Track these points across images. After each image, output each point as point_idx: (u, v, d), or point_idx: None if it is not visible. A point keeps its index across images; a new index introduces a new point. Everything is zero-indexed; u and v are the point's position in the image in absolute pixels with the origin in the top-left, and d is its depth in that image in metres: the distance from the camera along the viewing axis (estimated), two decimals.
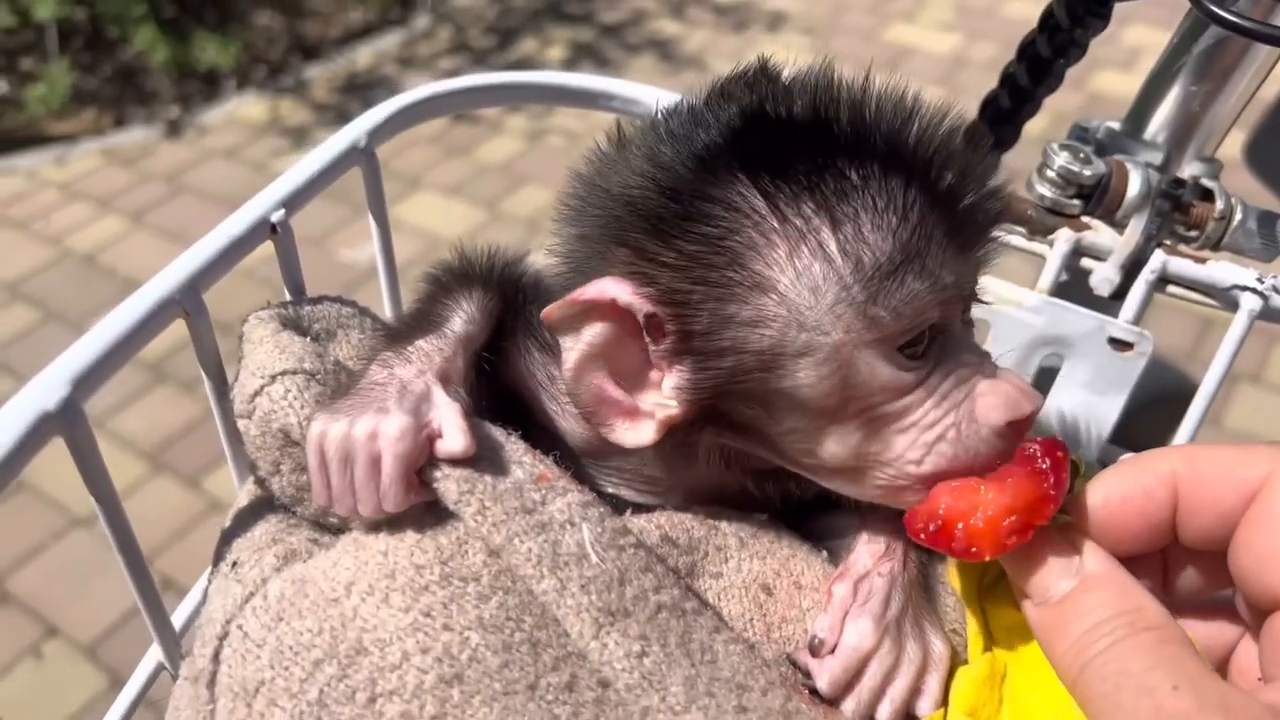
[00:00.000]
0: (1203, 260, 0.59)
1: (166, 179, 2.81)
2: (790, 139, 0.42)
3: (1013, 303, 0.63)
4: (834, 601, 0.47)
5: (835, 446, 0.44)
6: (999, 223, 0.46)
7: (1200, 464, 0.38)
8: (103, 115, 3.11)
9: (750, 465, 0.49)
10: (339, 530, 0.47)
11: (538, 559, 0.42)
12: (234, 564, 0.45)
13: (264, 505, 0.48)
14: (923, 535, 0.41)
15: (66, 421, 0.42)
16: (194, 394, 2.09)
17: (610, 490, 0.52)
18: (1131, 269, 0.60)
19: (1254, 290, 0.58)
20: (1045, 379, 0.65)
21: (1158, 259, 0.59)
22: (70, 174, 2.84)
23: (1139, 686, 0.33)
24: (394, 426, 0.42)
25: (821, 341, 0.41)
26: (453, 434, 0.43)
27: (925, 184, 0.42)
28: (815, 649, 0.46)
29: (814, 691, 0.46)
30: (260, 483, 0.48)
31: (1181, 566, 0.41)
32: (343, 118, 2.58)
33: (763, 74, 0.46)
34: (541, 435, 0.52)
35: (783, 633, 0.48)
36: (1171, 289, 0.60)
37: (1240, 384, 2.03)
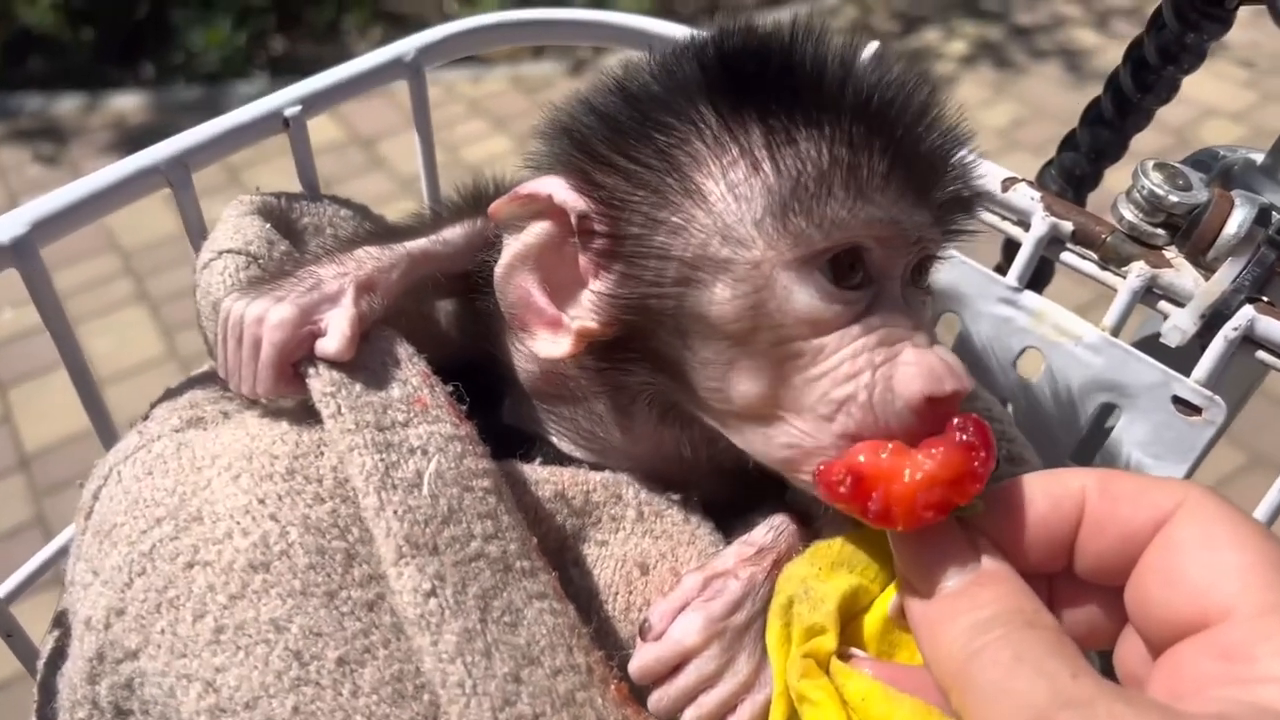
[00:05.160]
0: None
1: None
2: (761, 76, 0.42)
3: (1071, 336, 0.54)
4: (677, 590, 0.45)
5: (746, 384, 0.41)
6: (966, 188, 0.44)
7: (1113, 484, 0.36)
8: (523, 47, 3.37)
9: (684, 426, 0.47)
10: None
11: (368, 475, 0.42)
12: (145, 417, 0.49)
13: (210, 377, 0.52)
14: (842, 489, 0.38)
15: (19, 256, 0.46)
16: None
17: (552, 438, 0.52)
18: (1212, 321, 0.50)
19: None
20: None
21: (1244, 315, 0.49)
22: (481, 93, 3.11)
23: (1037, 671, 0.31)
24: (277, 315, 0.44)
25: (742, 255, 0.40)
26: (332, 335, 0.44)
27: (882, 123, 0.41)
28: (644, 632, 0.44)
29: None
30: (211, 353, 0.51)
31: (1064, 612, 0.38)
32: None
33: (751, 24, 0.45)
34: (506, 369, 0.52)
35: (642, 614, 0.46)
36: (1261, 354, 0.50)
37: None
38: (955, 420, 0.38)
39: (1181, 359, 0.52)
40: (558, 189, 0.43)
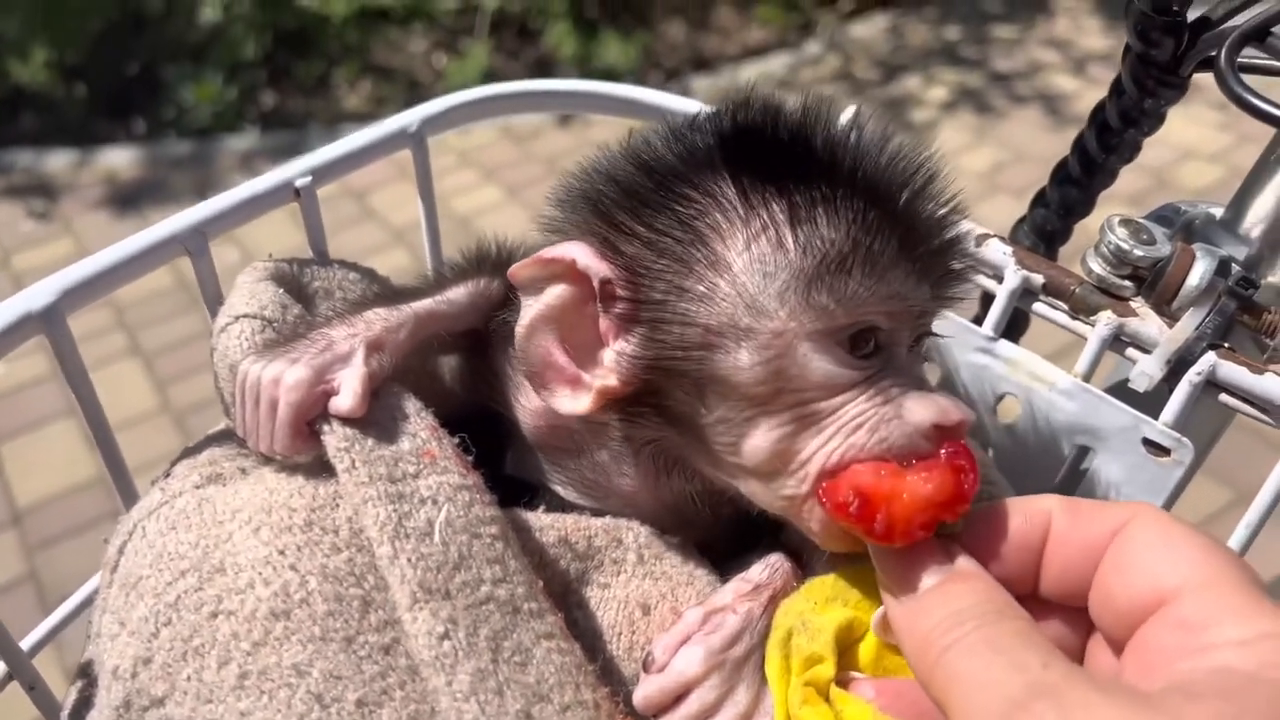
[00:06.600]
0: (1260, 370, 0.51)
1: (547, 161, 3.06)
2: (773, 151, 0.45)
3: (1046, 382, 0.57)
4: (679, 624, 0.47)
5: (759, 441, 0.44)
6: (959, 262, 0.47)
7: (1076, 504, 0.40)
8: None
9: (685, 477, 0.50)
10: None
11: (382, 525, 0.44)
12: (166, 475, 0.51)
13: (227, 435, 0.54)
14: (851, 509, 0.41)
15: (49, 324, 0.49)
16: None
17: (556, 486, 0.54)
18: (1177, 367, 0.53)
19: None
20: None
21: (1207, 360, 0.52)
22: (469, 144, 3.16)
23: (1011, 663, 0.33)
24: (293, 376, 0.46)
25: (765, 325, 0.43)
26: (345, 393, 0.47)
27: (889, 207, 0.44)
28: (647, 665, 0.46)
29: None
30: (227, 413, 0.54)
31: None
32: None
33: (763, 102, 0.47)
34: (510, 423, 0.55)
35: (645, 652, 0.48)
36: (1224, 398, 0.53)
37: None
38: (952, 448, 0.42)
39: (1152, 403, 0.55)
40: (581, 254, 0.45)
